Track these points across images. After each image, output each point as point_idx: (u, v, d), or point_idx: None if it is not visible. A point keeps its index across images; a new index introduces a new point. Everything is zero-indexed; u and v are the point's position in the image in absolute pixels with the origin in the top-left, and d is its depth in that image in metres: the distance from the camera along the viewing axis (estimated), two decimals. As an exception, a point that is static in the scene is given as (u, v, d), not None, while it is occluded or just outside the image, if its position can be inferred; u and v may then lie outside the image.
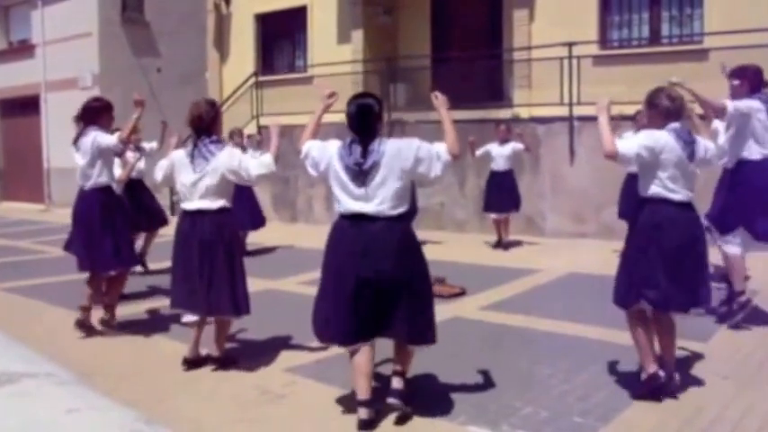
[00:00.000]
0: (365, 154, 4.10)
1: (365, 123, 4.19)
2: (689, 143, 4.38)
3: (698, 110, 5.49)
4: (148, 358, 5.65)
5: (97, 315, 6.41)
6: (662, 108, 4.42)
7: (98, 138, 6.20)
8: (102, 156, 6.29)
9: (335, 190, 4.22)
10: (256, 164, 5.18)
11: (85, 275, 6.53)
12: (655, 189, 4.38)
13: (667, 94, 4.46)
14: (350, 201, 4.14)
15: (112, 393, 3.92)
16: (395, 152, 4.12)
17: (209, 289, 5.08)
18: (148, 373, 5.25)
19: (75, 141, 6.40)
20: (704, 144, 4.53)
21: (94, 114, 6.40)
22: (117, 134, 6.28)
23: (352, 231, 4.13)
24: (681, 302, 4.40)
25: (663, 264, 4.31)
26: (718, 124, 5.91)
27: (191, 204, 5.18)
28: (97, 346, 6.00)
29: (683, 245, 4.34)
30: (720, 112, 5.67)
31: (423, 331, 4.21)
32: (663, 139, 4.33)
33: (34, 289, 8.41)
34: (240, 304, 5.20)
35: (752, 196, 5.78)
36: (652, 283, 4.34)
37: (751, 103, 5.71)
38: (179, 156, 5.27)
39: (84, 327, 6.29)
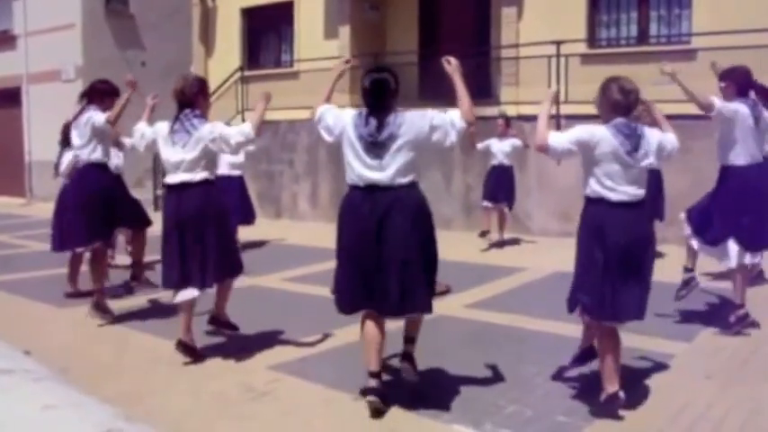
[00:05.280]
0: (380, 127, 4.11)
1: (380, 98, 4.19)
2: (630, 136, 4.07)
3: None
4: (129, 354, 5.59)
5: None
6: (611, 100, 4.14)
7: (93, 117, 6.38)
8: (97, 135, 6.42)
9: (349, 158, 4.22)
10: (235, 131, 5.14)
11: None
12: (592, 187, 4.15)
13: (620, 86, 4.13)
14: (363, 169, 4.14)
15: (92, 390, 3.85)
16: (410, 123, 4.14)
17: (202, 263, 5.08)
18: (129, 370, 5.18)
19: (75, 118, 6.61)
20: (658, 138, 4.24)
21: (98, 96, 6.57)
22: (106, 114, 6.38)
23: (367, 201, 4.13)
24: (616, 312, 4.10)
25: (602, 270, 4.05)
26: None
27: (174, 178, 5.16)
28: (78, 342, 5.93)
29: (624, 250, 4.04)
30: (707, 109, 5.57)
31: (425, 300, 4.25)
32: (598, 133, 4.07)
33: (14, 284, 8.30)
34: (233, 267, 5.35)
35: (737, 203, 5.68)
36: (587, 288, 4.17)
37: (738, 108, 5.61)
38: (162, 129, 5.24)
39: (100, 309, 6.37)
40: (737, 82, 5.78)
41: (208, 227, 5.09)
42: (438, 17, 14.19)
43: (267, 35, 16.49)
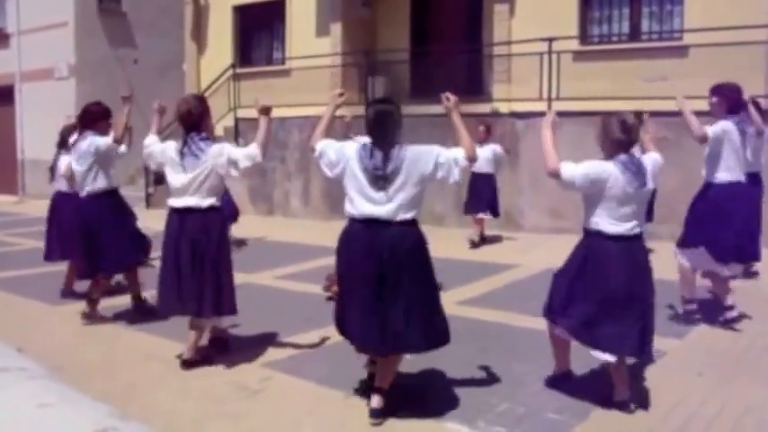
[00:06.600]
0: (386, 160, 4.09)
1: (384, 130, 4.16)
2: (637, 174, 4.14)
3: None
4: (124, 353, 5.58)
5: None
6: (614, 139, 4.18)
7: (95, 141, 6.27)
8: (100, 160, 6.30)
9: (351, 192, 4.17)
10: (243, 155, 5.06)
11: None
12: (596, 221, 4.19)
13: (621, 123, 4.17)
14: (365, 204, 4.11)
15: (86, 388, 3.86)
16: (415, 158, 4.12)
17: (199, 292, 5.01)
18: (123, 368, 5.18)
19: (73, 145, 6.53)
20: (651, 164, 4.30)
21: (93, 119, 6.45)
22: (111, 135, 6.30)
23: (366, 236, 4.09)
24: (611, 344, 4.14)
25: (593, 300, 4.13)
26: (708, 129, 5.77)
27: (179, 202, 5.09)
28: (72, 340, 5.92)
29: (621, 284, 4.11)
30: (701, 140, 5.65)
31: (438, 335, 4.26)
32: (608, 171, 4.11)
33: (7, 281, 8.29)
34: (224, 305, 5.13)
35: (717, 218, 5.72)
36: (569, 312, 4.22)
37: (725, 126, 5.67)
38: (171, 151, 5.13)
39: (93, 318, 6.37)
40: (728, 97, 5.80)
41: (207, 255, 5.02)
42: (430, 14, 14.16)
43: (259, 33, 16.44)
